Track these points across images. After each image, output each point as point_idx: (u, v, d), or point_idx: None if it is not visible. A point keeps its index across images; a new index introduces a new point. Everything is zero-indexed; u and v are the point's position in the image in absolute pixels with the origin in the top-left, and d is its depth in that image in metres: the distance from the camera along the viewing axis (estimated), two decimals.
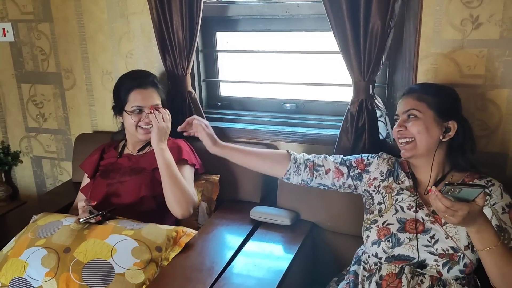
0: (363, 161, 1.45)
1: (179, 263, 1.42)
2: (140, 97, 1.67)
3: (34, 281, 1.38)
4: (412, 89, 1.39)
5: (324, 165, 1.45)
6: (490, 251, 1.10)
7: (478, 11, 1.52)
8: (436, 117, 1.30)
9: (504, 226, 1.21)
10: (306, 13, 1.79)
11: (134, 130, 1.69)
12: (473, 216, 1.05)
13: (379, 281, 1.27)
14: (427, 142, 1.30)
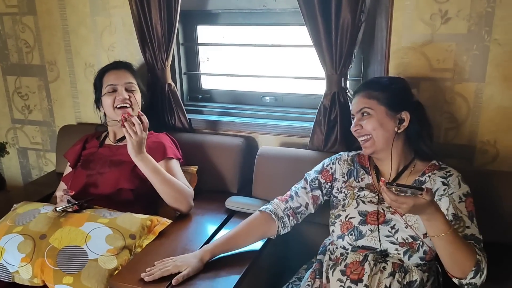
0: (328, 172, 1.49)
1: (152, 250, 1.46)
2: (113, 76, 1.71)
3: (11, 266, 1.43)
4: (361, 88, 1.42)
5: (301, 204, 1.48)
6: (441, 238, 1.15)
7: (446, 6, 1.55)
8: (388, 111, 1.34)
9: (460, 214, 1.26)
10: (283, 7, 1.82)
11: (113, 112, 1.71)
12: (420, 207, 1.10)
13: (343, 269, 1.31)
14: (384, 136, 1.34)
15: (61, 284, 1.36)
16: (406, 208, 1.09)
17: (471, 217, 1.27)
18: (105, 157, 1.73)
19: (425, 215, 1.13)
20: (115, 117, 1.70)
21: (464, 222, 1.25)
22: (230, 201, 1.73)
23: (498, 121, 1.61)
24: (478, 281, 1.18)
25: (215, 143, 1.89)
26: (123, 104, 1.69)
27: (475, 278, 1.17)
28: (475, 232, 1.25)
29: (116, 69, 1.74)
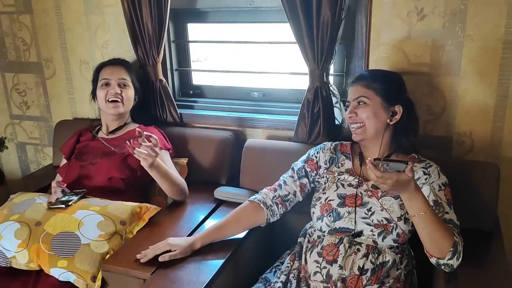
0: (313, 161, 1.56)
1: (143, 236, 1.54)
2: (108, 71, 1.82)
3: (8, 251, 1.51)
4: (360, 77, 1.47)
5: (289, 192, 1.55)
6: (421, 217, 1.22)
7: (422, 4, 1.62)
8: (383, 102, 1.40)
9: (440, 201, 1.33)
10: (269, 5, 1.89)
11: (104, 105, 1.80)
12: (403, 185, 1.17)
13: (320, 251, 1.39)
14: (376, 126, 1.40)
15: (56, 267, 1.44)
16: (391, 183, 1.16)
17: (450, 204, 1.34)
18: (98, 148, 1.81)
19: (406, 193, 1.20)
20: (107, 110, 1.80)
21: (444, 208, 1.32)
22: (218, 191, 1.80)
23: (473, 113, 1.68)
24: (454, 263, 1.25)
25: (205, 137, 1.97)
26: (115, 98, 1.77)
27: (452, 259, 1.24)
28: (453, 218, 1.32)
29: (112, 65, 1.84)
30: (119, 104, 1.78)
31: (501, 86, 1.62)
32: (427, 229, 1.24)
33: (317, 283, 1.35)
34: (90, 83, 2.14)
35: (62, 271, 1.44)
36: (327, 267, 1.34)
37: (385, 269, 1.34)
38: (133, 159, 1.75)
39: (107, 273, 1.41)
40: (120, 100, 1.78)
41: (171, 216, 1.68)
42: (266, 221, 1.53)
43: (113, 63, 1.86)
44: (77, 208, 1.58)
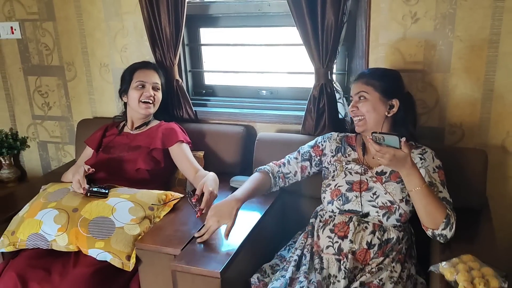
0: (319, 148, 1.75)
1: (169, 219, 1.71)
2: (143, 74, 1.98)
3: (49, 235, 1.67)
4: (361, 75, 1.66)
5: (290, 171, 1.75)
6: (417, 191, 1.40)
7: (415, 8, 1.81)
8: (382, 97, 1.58)
9: (434, 182, 1.51)
10: (276, 11, 2.08)
11: (137, 105, 1.96)
12: (400, 160, 1.35)
13: (332, 228, 1.57)
14: (375, 118, 1.58)
15: (94, 248, 1.60)
16: (388, 157, 1.33)
17: (443, 185, 1.53)
18: (124, 143, 1.99)
19: (404, 169, 1.38)
20: (139, 109, 1.97)
21: (438, 187, 1.51)
22: (233, 180, 1.98)
23: (462, 106, 1.87)
24: (448, 233, 1.42)
25: (219, 131, 2.15)
26: (148, 100, 1.95)
27: (446, 230, 1.42)
28: (446, 196, 1.50)
29: (146, 69, 2.00)
30: (150, 106, 1.97)
31: (487, 81, 1.81)
32: (423, 202, 1.42)
33: (329, 256, 1.53)
34: (109, 84, 2.35)
35: (99, 251, 1.60)
36: (338, 242, 1.52)
37: (390, 245, 1.52)
38: (158, 152, 1.93)
39: (141, 251, 1.58)
40: (152, 102, 1.97)
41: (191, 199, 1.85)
42: (270, 189, 1.74)
43: (147, 67, 2.02)
44: (110, 196, 1.75)
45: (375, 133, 1.36)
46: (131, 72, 2.00)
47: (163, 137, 1.93)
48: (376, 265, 1.48)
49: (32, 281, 1.59)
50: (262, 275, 1.57)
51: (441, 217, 1.42)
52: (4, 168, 2.65)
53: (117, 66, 2.34)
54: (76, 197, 1.75)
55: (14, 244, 1.70)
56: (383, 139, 1.36)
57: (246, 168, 2.09)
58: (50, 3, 2.35)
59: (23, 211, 1.79)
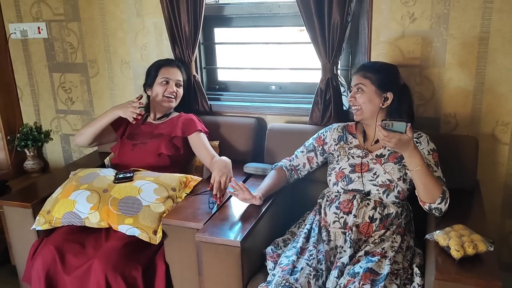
0: (320, 139, 1.94)
1: (190, 199, 1.89)
2: (168, 71, 2.16)
3: (82, 213, 1.84)
4: (361, 67, 1.83)
5: (299, 163, 1.96)
6: (417, 170, 1.57)
7: (413, 9, 2.00)
8: (377, 90, 1.75)
9: (429, 163, 1.69)
10: (286, 12, 2.26)
11: (161, 99, 2.15)
12: (404, 143, 1.52)
13: (337, 205, 1.75)
14: (370, 109, 1.76)
15: (124, 224, 1.78)
16: (394, 141, 1.50)
17: (437, 165, 1.70)
18: (147, 132, 2.17)
19: (407, 151, 1.55)
20: (162, 103, 2.16)
21: (432, 168, 1.68)
22: (247, 166, 2.16)
23: (456, 98, 2.05)
24: (443, 207, 1.61)
25: (232, 123, 2.33)
26: (170, 95, 2.14)
27: (441, 204, 1.60)
28: (440, 175, 1.68)
29: (171, 66, 2.18)
30: (173, 100, 2.16)
31: (478, 75, 1.99)
32: (422, 180, 1.59)
33: (335, 229, 1.70)
34: (129, 80, 2.53)
35: (128, 227, 1.78)
36: (344, 217, 1.70)
37: (389, 219, 1.70)
38: (178, 139, 2.12)
39: (167, 226, 1.76)
40: (174, 97, 2.16)
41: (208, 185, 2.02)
42: (287, 181, 1.94)
43: (171, 64, 2.19)
44: (136, 179, 1.93)
45: (385, 120, 1.53)
46: (156, 69, 2.18)
47: (183, 127, 2.11)
48: (379, 237, 1.66)
49: (68, 253, 1.77)
50: (275, 247, 1.75)
51: (438, 192, 1.59)
52: (29, 159, 2.83)
53: (137, 63, 2.53)
54: (105, 180, 1.93)
55: (49, 222, 1.87)
56: (391, 125, 1.53)
57: (258, 156, 2.27)
58: (76, 5, 2.54)
59: (56, 193, 1.96)
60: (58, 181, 2.08)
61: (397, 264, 1.56)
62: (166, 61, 2.23)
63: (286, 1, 2.24)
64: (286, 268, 1.52)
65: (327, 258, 1.61)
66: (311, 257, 1.59)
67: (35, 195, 2.07)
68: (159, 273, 1.80)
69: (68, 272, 1.74)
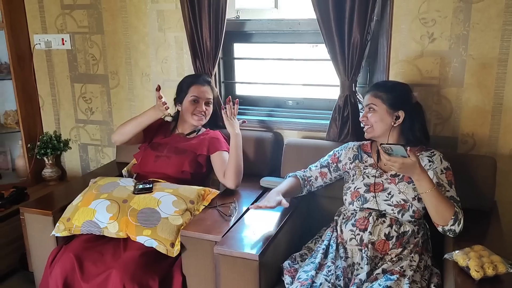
0: (335, 156, 1.96)
1: (208, 212, 1.91)
2: (198, 90, 2.17)
3: (101, 223, 1.87)
4: (372, 87, 1.86)
5: (312, 175, 1.99)
6: (427, 194, 1.59)
7: (432, 29, 2.02)
8: (388, 109, 1.77)
9: (441, 182, 1.70)
10: (305, 29, 2.30)
11: (190, 117, 2.17)
12: (410, 167, 1.55)
13: (353, 222, 1.75)
14: (382, 128, 1.78)
15: (142, 235, 1.80)
16: (398, 166, 1.54)
17: (450, 184, 1.71)
18: (173, 145, 2.18)
19: (415, 175, 1.57)
20: (191, 121, 2.18)
21: (445, 187, 1.69)
22: (264, 180, 2.18)
23: (474, 117, 2.06)
24: (456, 228, 1.61)
25: (250, 137, 2.34)
26: (200, 114, 2.17)
27: (454, 225, 1.60)
28: (453, 195, 1.69)
29: (202, 85, 2.19)
30: (202, 118, 2.18)
31: (497, 96, 2.00)
32: (433, 203, 1.61)
33: (352, 247, 1.71)
34: (149, 92, 2.58)
35: (146, 238, 1.80)
36: (360, 234, 1.71)
37: (406, 237, 1.70)
38: (202, 158, 2.15)
39: (185, 238, 1.78)
40: (203, 115, 2.18)
41: (226, 198, 2.04)
42: (300, 190, 1.97)
43: (202, 83, 2.21)
44: (155, 190, 1.95)
45: (383, 145, 1.57)
46: (188, 86, 2.19)
47: (209, 145, 2.15)
48: (396, 255, 1.66)
49: (87, 261, 1.79)
50: (293, 261, 1.76)
51: (450, 214, 1.60)
52: (47, 167, 2.87)
53: (158, 76, 2.58)
54: (125, 190, 1.96)
55: (69, 229, 1.91)
56: (391, 149, 1.56)
57: (274, 170, 2.29)
58: (100, 18, 2.60)
59: (76, 200, 2.00)
60: (76, 190, 2.12)
61: (416, 283, 1.56)
62: (197, 78, 2.24)
63: (306, 18, 2.28)
64: (305, 283, 1.53)
65: (345, 275, 1.61)
66: (330, 273, 1.59)
67: (54, 203, 2.12)
68: (176, 284, 1.81)
69: (87, 280, 1.76)
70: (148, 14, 2.50)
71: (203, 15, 2.25)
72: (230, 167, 2.09)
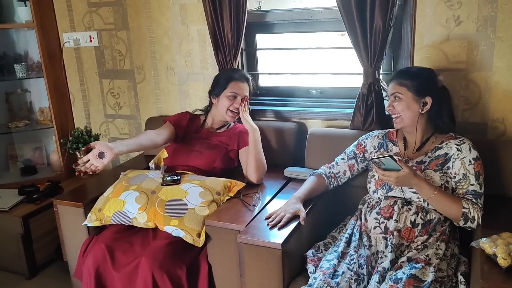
0: (361, 146, 1.94)
1: (232, 203, 1.94)
2: (237, 86, 2.18)
3: (131, 213, 1.92)
4: (395, 75, 1.81)
5: (340, 171, 1.96)
6: (431, 199, 1.62)
7: (459, 12, 1.96)
8: (415, 96, 1.73)
9: (468, 174, 1.66)
10: (327, 17, 2.28)
11: (224, 112, 2.19)
12: (405, 178, 1.59)
13: (378, 211, 1.74)
14: (410, 116, 1.75)
15: (169, 225, 1.84)
16: (393, 180, 1.59)
17: (477, 177, 1.66)
18: (204, 139, 2.21)
19: (413, 185, 1.61)
20: (225, 116, 2.20)
21: (470, 180, 1.66)
22: (288, 170, 2.18)
23: (504, 102, 1.99)
24: (471, 225, 1.61)
25: (273, 128, 2.36)
26: (235, 111, 2.19)
27: (467, 224, 1.61)
28: (477, 189, 1.65)
29: (241, 82, 2.20)
30: (236, 115, 2.20)
31: None
32: (439, 206, 1.64)
33: (376, 235, 1.70)
34: (174, 86, 2.62)
35: (174, 228, 1.84)
36: (385, 222, 1.69)
37: (432, 225, 1.67)
38: (234, 152, 2.18)
39: (210, 227, 1.81)
40: (238, 112, 2.19)
41: (252, 189, 2.06)
42: (326, 188, 1.94)
43: (242, 79, 2.22)
44: (182, 181, 1.99)
45: (373, 159, 1.59)
46: (227, 81, 2.20)
47: (239, 139, 2.17)
48: (421, 242, 1.64)
49: (117, 251, 1.86)
50: (316, 250, 1.76)
51: (458, 215, 1.61)
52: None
53: (182, 69, 2.61)
54: (153, 182, 2.01)
55: (100, 219, 1.97)
56: (382, 163, 1.57)
57: (298, 160, 2.29)
58: (125, 15, 2.66)
59: (107, 192, 2.06)
60: (107, 183, 2.18)
61: (442, 271, 1.54)
62: (237, 73, 2.24)
63: (327, 6, 2.26)
64: (327, 272, 1.54)
65: (368, 263, 1.61)
66: (352, 262, 1.59)
67: (85, 195, 2.19)
68: (202, 273, 1.85)
69: (118, 269, 1.82)
70: (171, 8, 2.53)
71: (224, 7, 2.26)
72: (250, 162, 2.10)
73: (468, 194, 1.65)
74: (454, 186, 1.69)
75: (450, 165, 1.70)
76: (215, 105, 2.24)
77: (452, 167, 1.70)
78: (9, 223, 2.49)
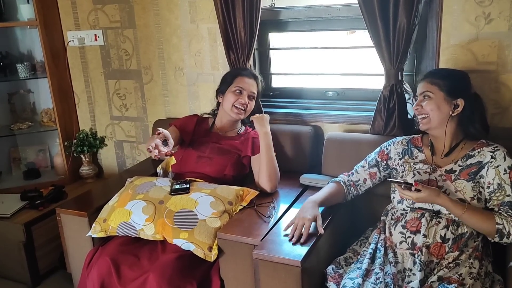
0: (384, 153, 1.81)
1: (246, 213, 1.82)
2: (243, 81, 2.08)
3: (137, 225, 1.81)
4: (427, 74, 1.69)
5: (359, 179, 1.84)
6: (461, 216, 1.52)
7: (489, 9, 1.82)
8: (446, 96, 1.61)
9: (503, 184, 1.53)
10: (345, 14, 2.15)
11: (230, 108, 2.07)
12: (426, 199, 1.53)
13: (404, 224, 1.61)
14: (439, 117, 1.62)
15: (179, 238, 1.73)
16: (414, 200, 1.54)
17: None
18: (214, 144, 2.09)
19: (440, 204, 1.53)
20: (230, 113, 2.08)
21: (505, 191, 1.53)
22: (304, 177, 2.06)
23: None
24: (507, 241, 1.49)
25: (288, 131, 2.23)
26: (241, 107, 2.07)
27: (503, 240, 1.49)
28: None
29: (248, 77, 2.10)
30: (242, 112, 2.08)
31: None
32: (471, 223, 1.53)
33: (403, 251, 1.57)
34: (183, 87, 2.50)
35: (183, 241, 1.73)
36: (411, 237, 1.57)
37: (464, 239, 1.54)
38: (247, 159, 2.06)
39: (222, 241, 1.70)
40: (244, 109, 2.07)
41: (266, 198, 1.94)
42: (344, 197, 1.82)
43: (249, 75, 2.12)
44: (192, 190, 1.87)
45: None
46: (233, 76, 2.11)
47: (253, 145, 2.05)
48: (453, 259, 1.51)
49: (123, 265, 1.74)
50: (337, 266, 1.64)
51: (492, 232, 1.50)
52: (84, 165, 2.87)
53: (191, 69, 2.49)
54: (161, 191, 1.90)
55: (105, 230, 1.86)
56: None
57: (314, 167, 2.16)
58: (131, 12, 2.54)
59: (113, 200, 1.95)
60: (113, 189, 2.08)
61: None
62: (245, 70, 2.15)
63: (346, 3, 2.13)
64: None
65: (395, 282, 1.48)
66: (378, 281, 1.47)
67: (90, 203, 2.09)
68: None
69: (124, 284, 1.71)
70: (179, 5, 2.41)
71: (236, 4, 2.13)
72: (262, 170, 1.98)
73: (504, 206, 1.52)
74: (488, 197, 1.56)
75: (484, 174, 1.57)
76: (222, 103, 2.12)
77: (485, 176, 1.57)
78: (11, 230, 2.39)
